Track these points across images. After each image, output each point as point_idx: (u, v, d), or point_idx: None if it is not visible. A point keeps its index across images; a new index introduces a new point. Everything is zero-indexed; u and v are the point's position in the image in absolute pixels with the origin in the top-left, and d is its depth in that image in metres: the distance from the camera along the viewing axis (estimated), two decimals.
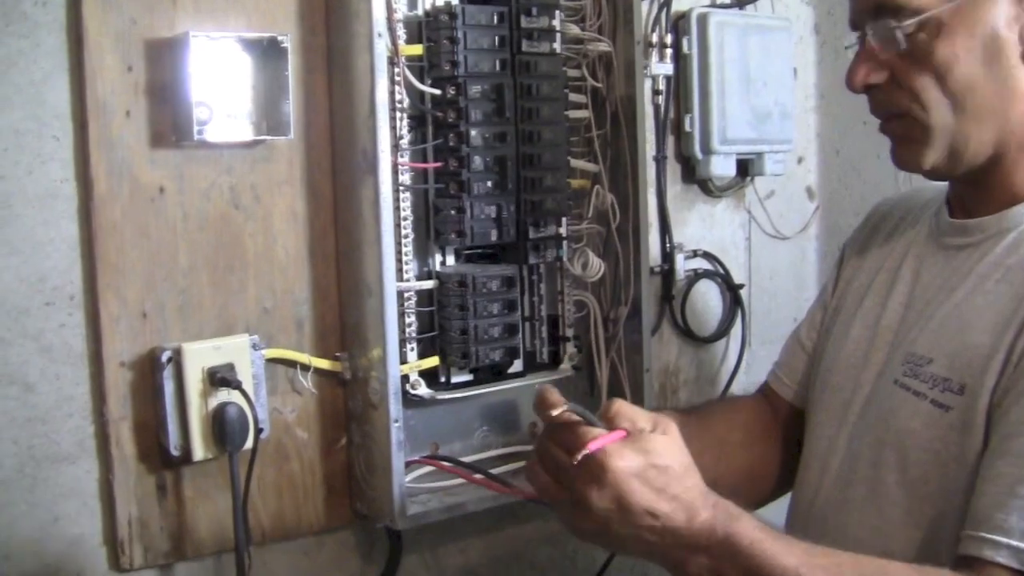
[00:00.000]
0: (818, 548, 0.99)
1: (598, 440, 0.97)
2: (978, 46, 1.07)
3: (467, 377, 1.61)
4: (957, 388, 1.07)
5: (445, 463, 1.56)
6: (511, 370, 1.65)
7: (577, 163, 1.67)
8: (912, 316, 1.18)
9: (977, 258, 1.13)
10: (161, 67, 1.36)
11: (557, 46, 1.59)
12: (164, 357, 1.36)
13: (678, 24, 1.90)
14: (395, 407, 1.45)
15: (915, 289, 1.21)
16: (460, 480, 1.57)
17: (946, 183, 1.24)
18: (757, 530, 0.97)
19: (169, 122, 1.37)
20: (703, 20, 1.88)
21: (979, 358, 1.05)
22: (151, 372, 1.37)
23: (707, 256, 2.02)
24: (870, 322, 1.26)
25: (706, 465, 1.31)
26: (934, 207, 1.27)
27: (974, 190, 1.16)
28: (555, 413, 1.00)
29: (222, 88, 1.38)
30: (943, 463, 1.07)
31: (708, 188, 2.00)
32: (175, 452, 1.37)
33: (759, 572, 0.95)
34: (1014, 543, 0.95)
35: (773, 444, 1.43)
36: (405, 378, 1.51)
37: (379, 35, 1.39)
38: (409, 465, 1.53)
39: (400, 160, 1.47)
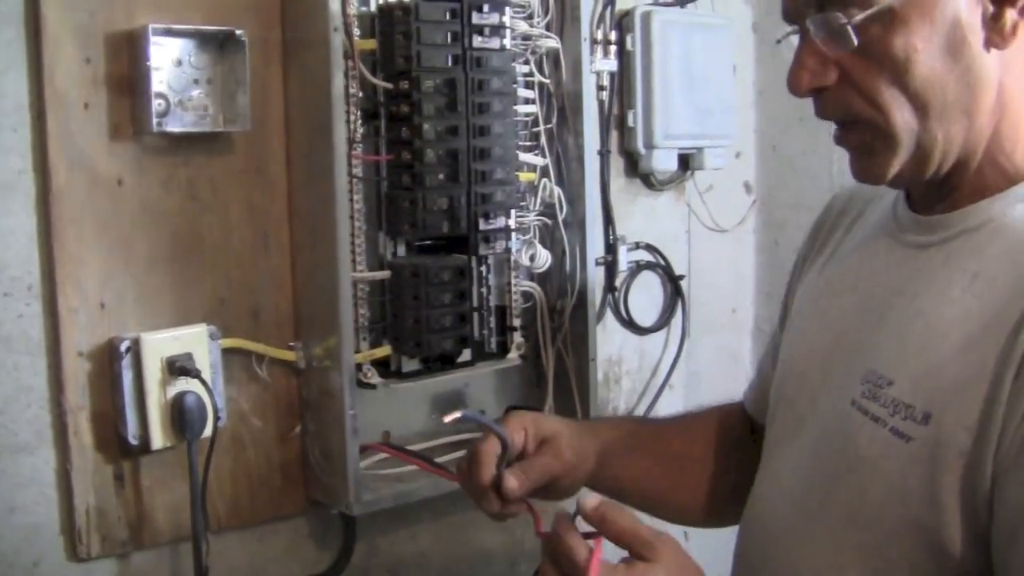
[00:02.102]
0: None
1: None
2: (939, 36, 0.93)
3: (417, 366, 1.65)
4: (921, 417, 0.93)
5: (401, 451, 1.59)
6: (460, 359, 1.68)
7: (525, 157, 1.70)
8: (870, 322, 1.05)
9: (941, 260, 1.00)
10: (120, 60, 1.37)
11: (507, 42, 1.62)
12: (123, 347, 1.37)
13: (622, 21, 1.95)
14: (350, 396, 1.47)
15: (873, 290, 1.07)
16: (412, 467, 1.60)
17: None
18: None
19: (127, 114, 1.38)
20: (647, 18, 1.93)
21: (947, 383, 0.92)
22: (109, 362, 1.39)
23: (649, 248, 2.07)
24: (827, 327, 1.12)
25: (655, 477, 1.32)
26: (891, 197, 1.13)
27: (938, 185, 1.01)
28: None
29: (180, 81, 1.40)
30: (902, 499, 0.94)
31: (650, 182, 2.06)
32: (133, 441, 1.39)
33: None
34: None
35: (739, 458, 1.31)
36: (358, 367, 1.54)
37: (335, 30, 1.42)
38: (365, 450, 1.56)
39: (353, 152, 1.50)
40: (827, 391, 1.08)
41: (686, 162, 2.05)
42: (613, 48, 1.93)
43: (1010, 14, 0.93)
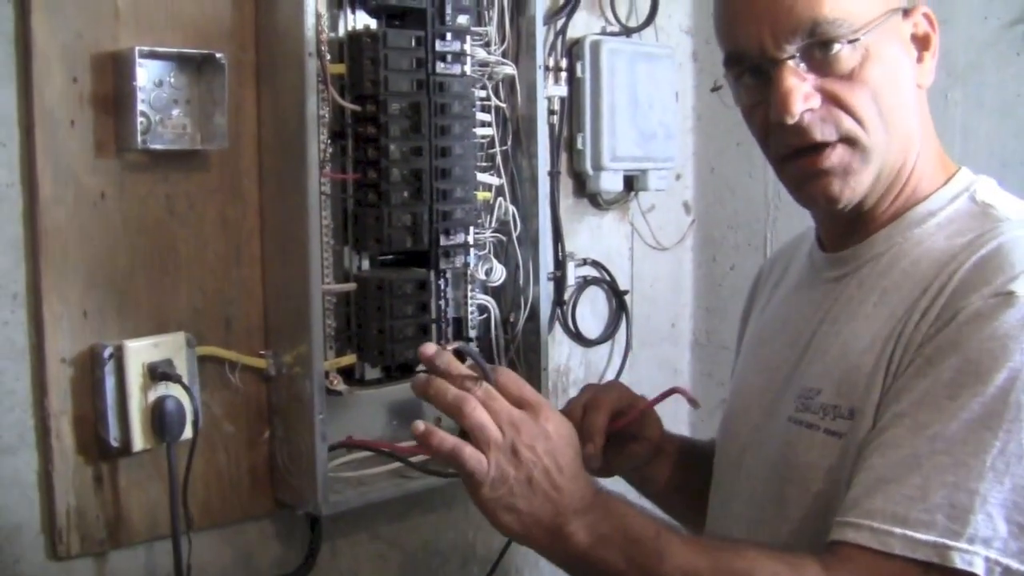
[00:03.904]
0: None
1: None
2: (897, 69, 1.09)
3: (379, 374, 1.73)
4: (847, 413, 1.06)
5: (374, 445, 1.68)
6: (419, 368, 1.76)
7: (482, 177, 1.79)
8: (798, 352, 1.18)
9: (855, 286, 1.14)
10: (105, 79, 1.44)
11: (467, 68, 1.72)
12: (106, 353, 1.43)
13: (572, 49, 2.06)
14: (319, 401, 1.55)
15: (800, 327, 1.20)
16: (374, 470, 1.69)
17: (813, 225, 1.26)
18: (623, 497, 1.08)
19: (111, 132, 1.45)
20: (596, 47, 2.04)
21: (863, 379, 1.06)
22: (91, 368, 1.45)
23: (595, 264, 2.18)
24: (762, 368, 1.25)
25: (688, 491, 1.40)
26: (805, 250, 1.29)
27: (847, 222, 1.15)
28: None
29: (160, 101, 1.47)
30: (841, 491, 1.03)
31: (597, 201, 2.16)
32: (115, 444, 1.45)
33: (631, 526, 1.03)
34: (876, 524, 0.95)
35: None
36: (325, 374, 1.61)
37: (310, 55, 1.50)
38: (333, 449, 1.63)
39: (322, 171, 1.57)
40: (765, 418, 1.20)
41: (630, 183, 2.16)
42: (564, 75, 2.04)
43: (928, 59, 1.12)
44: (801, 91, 1.06)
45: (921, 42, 1.12)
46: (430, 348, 1.09)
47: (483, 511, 1.04)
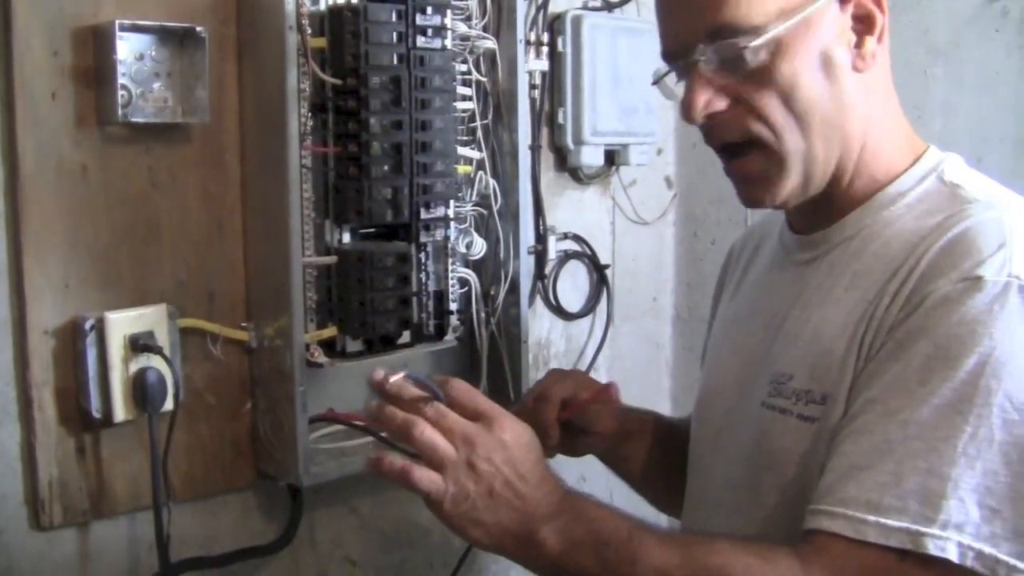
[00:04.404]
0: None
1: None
2: (815, 62, 1.05)
3: (360, 347, 1.74)
4: (819, 398, 1.07)
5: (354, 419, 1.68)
6: (400, 341, 1.78)
7: (463, 151, 1.80)
8: (771, 336, 1.17)
9: (826, 270, 1.14)
10: (86, 53, 1.44)
11: (448, 43, 1.72)
12: (88, 325, 1.44)
13: (554, 24, 2.07)
14: (300, 373, 1.56)
15: (773, 309, 1.19)
16: (355, 442, 1.70)
17: None
18: (592, 498, 1.08)
19: (92, 105, 1.45)
20: (577, 21, 2.05)
21: (835, 364, 1.06)
22: (73, 339, 1.45)
23: (576, 238, 2.19)
24: (736, 349, 1.25)
25: (661, 468, 1.42)
26: (777, 230, 1.28)
27: (815, 205, 1.14)
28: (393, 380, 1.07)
29: (141, 74, 1.47)
30: (818, 476, 1.03)
31: (578, 176, 2.18)
32: (96, 415, 1.46)
33: (603, 528, 1.03)
34: (850, 512, 0.96)
35: None
36: (306, 347, 1.62)
37: (291, 28, 1.50)
38: (313, 422, 1.64)
39: (303, 144, 1.58)
40: (739, 401, 1.20)
41: (612, 158, 2.17)
42: (545, 49, 2.05)
43: (869, 41, 1.08)
44: (703, 97, 1.06)
45: (864, 23, 1.08)
46: (379, 373, 1.08)
47: (450, 527, 1.06)
